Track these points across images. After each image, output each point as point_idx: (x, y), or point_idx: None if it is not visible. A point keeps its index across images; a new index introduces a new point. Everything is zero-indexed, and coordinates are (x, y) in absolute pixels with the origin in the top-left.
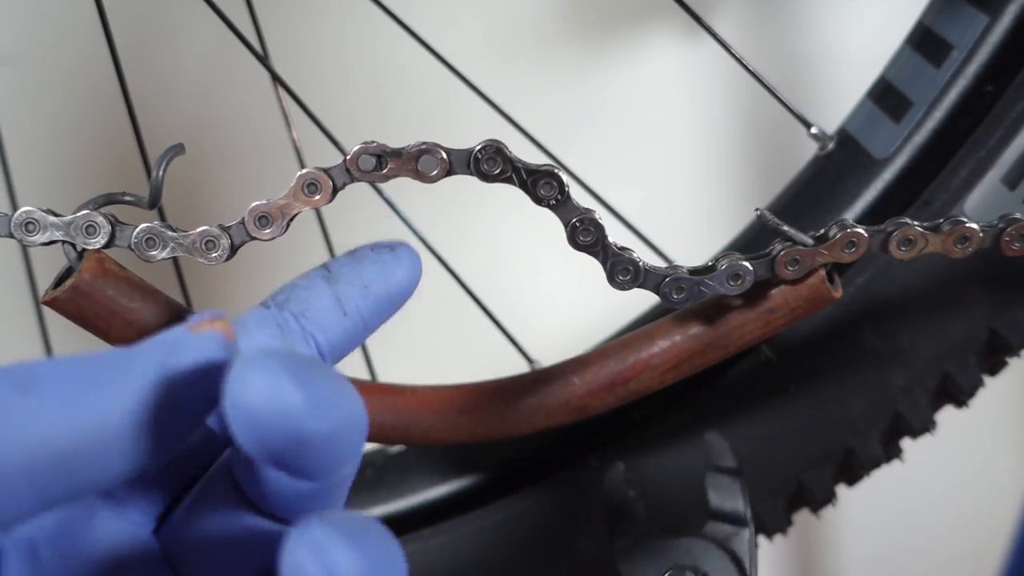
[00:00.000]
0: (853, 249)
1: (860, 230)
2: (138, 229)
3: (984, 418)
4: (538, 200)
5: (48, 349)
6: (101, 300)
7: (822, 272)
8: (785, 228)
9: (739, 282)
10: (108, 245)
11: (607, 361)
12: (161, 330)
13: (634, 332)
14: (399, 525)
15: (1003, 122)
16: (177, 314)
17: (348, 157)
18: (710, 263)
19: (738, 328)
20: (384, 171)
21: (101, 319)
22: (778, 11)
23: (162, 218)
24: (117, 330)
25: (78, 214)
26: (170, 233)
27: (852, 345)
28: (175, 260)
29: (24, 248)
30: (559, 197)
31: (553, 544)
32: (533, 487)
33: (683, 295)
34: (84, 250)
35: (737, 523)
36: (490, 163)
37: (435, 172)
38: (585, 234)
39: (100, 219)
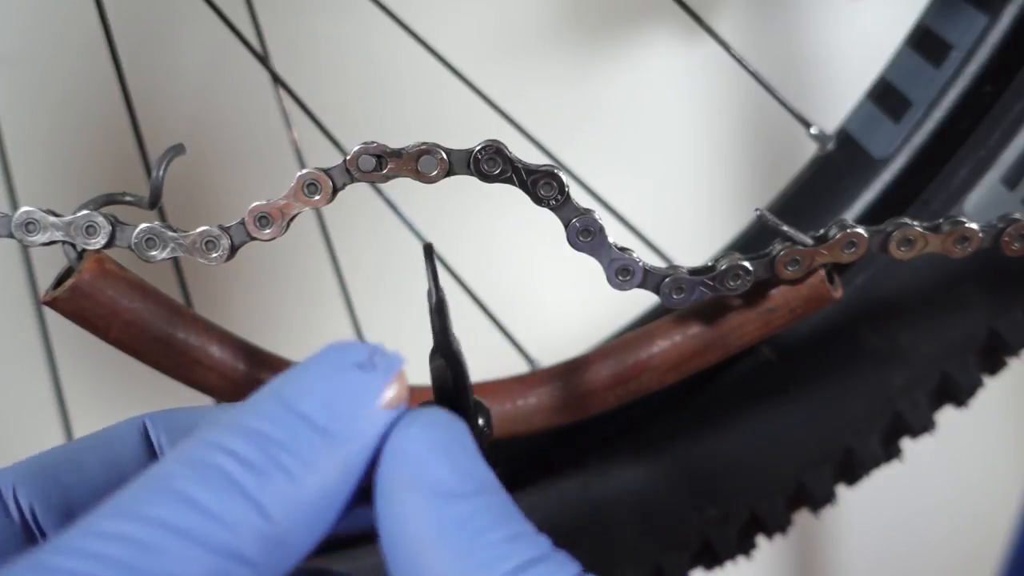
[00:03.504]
0: (853, 249)
1: (860, 230)
2: (138, 229)
3: (984, 418)
4: (538, 200)
5: (48, 350)
6: (101, 300)
7: (822, 272)
8: (785, 228)
9: (739, 282)
10: (108, 245)
11: (607, 361)
12: (159, 328)
13: (634, 332)
14: None
15: (1002, 122)
16: (174, 310)
17: (348, 157)
18: (710, 263)
19: (738, 328)
20: (384, 171)
21: (101, 319)
22: (778, 11)
23: (162, 218)
24: (117, 330)
25: (78, 214)
26: (170, 233)
27: (852, 345)
28: (175, 260)
29: (24, 248)
30: (559, 197)
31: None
32: (533, 487)
33: (683, 295)
34: (84, 250)
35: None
36: (490, 163)
37: (435, 172)
38: (585, 234)
39: (100, 219)
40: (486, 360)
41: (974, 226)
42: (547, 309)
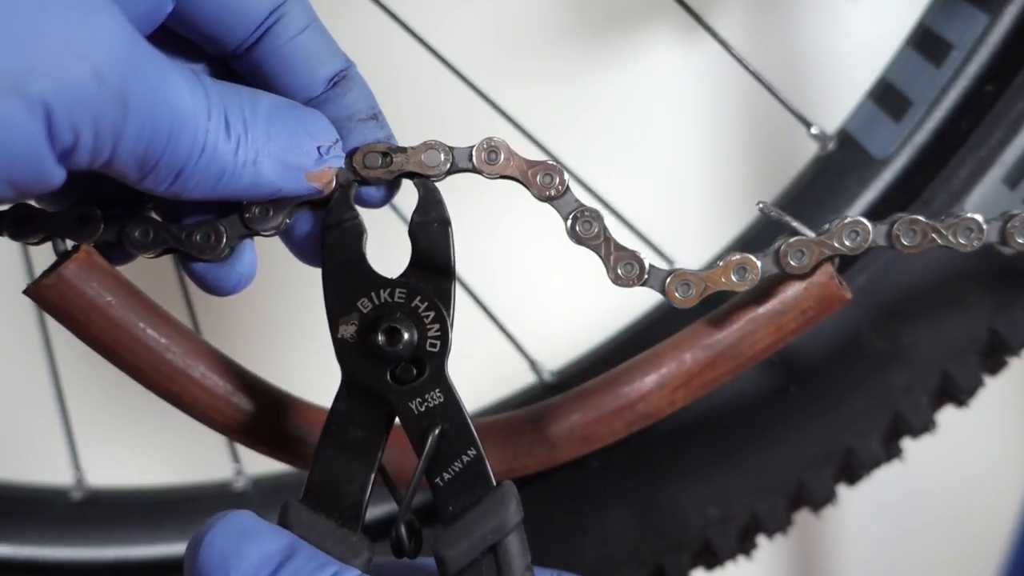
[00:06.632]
0: (857, 238)
1: (863, 220)
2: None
3: (984, 418)
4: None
5: (49, 352)
6: (84, 292)
7: (830, 268)
8: (787, 219)
9: (745, 275)
10: (98, 240)
11: (613, 385)
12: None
13: (640, 356)
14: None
15: (1003, 122)
16: (157, 314)
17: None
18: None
19: (749, 335)
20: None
21: (81, 312)
22: (778, 11)
23: None
24: (97, 325)
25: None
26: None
27: (852, 345)
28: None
29: (24, 247)
30: (559, 188)
31: (553, 544)
32: (534, 488)
33: (689, 291)
34: (77, 246)
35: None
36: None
37: (438, 165)
38: (585, 225)
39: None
40: (488, 360)
41: (978, 217)
42: (549, 309)
